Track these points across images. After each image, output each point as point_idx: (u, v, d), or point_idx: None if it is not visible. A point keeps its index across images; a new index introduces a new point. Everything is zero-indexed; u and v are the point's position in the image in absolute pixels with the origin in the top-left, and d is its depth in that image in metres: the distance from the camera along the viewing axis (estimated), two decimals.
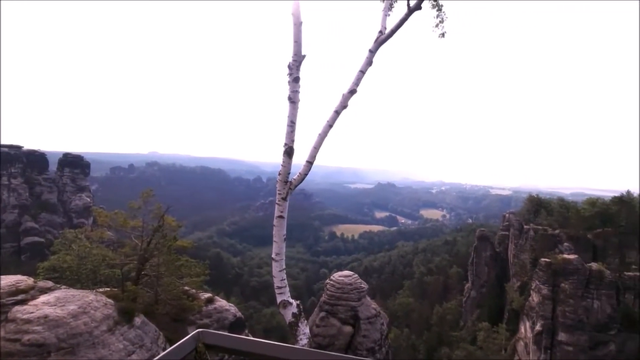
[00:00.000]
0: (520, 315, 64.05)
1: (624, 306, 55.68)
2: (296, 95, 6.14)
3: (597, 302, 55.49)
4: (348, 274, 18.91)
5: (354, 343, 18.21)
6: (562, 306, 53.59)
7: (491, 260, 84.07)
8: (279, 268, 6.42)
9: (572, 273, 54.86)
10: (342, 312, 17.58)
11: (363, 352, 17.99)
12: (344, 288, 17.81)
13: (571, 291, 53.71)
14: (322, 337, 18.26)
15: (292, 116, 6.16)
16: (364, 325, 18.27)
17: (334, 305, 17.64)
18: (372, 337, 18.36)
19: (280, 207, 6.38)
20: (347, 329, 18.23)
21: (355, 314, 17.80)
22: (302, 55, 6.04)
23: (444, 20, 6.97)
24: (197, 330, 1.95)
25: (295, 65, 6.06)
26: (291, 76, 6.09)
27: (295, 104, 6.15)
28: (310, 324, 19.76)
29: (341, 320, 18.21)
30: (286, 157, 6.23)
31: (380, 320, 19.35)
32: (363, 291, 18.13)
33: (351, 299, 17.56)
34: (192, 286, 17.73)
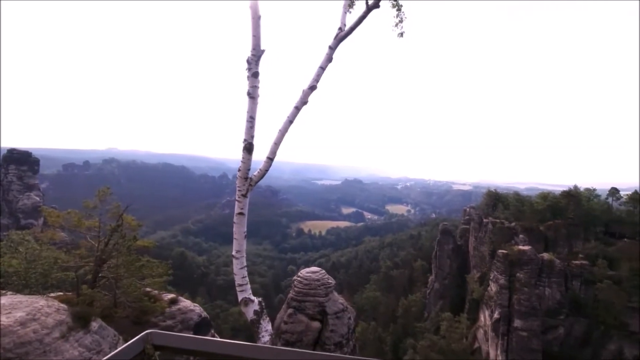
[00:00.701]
0: (480, 305, 67.20)
1: (571, 292, 59.88)
2: (255, 90, 6.06)
3: (548, 290, 59.32)
4: (315, 270, 18.91)
5: (322, 338, 18.28)
6: (517, 294, 56.71)
7: (453, 253, 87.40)
8: (239, 265, 6.34)
9: (527, 263, 58.21)
10: (310, 308, 17.57)
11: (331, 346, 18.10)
12: (312, 284, 17.80)
13: (525, 280, 56.96)
14: (290, 333, 18.18)
15: (252, 112, 6.08)
16: (332, 320, 18.37)
17: (302, 302, 17.59)
18: (339, 332, 18.50)
19: (241, 203, 6.27)
20: (315, 324, 18.25)
21: (323, 309, 17.86)
22: (261, 49, 5.96)
23: (403, 20, 7.09)
24: (145, 332, 1.88)
25: (254, 60, 5.98)
26: (250, 71, 6.00)
27: (255, 100, 6.07)
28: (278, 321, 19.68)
29: (309, 316, 18.20)
30: (246, 153, 6.14)
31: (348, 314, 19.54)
32: (330, 287, 18.21)
33: (319, 295, 17.59)
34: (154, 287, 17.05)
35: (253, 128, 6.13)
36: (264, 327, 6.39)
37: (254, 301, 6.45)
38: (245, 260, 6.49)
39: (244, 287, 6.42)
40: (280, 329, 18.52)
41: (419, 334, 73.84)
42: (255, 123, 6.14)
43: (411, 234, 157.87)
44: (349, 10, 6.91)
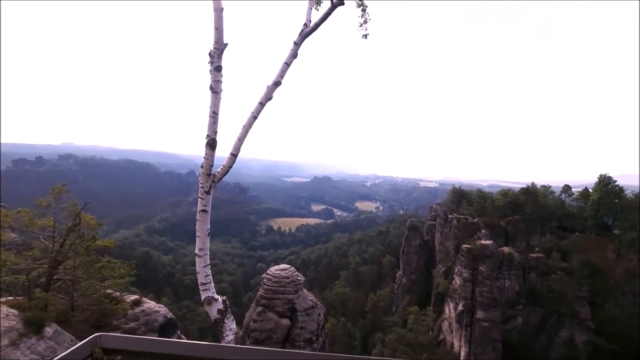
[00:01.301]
0: (445, 298, 69.53)
1: (529, 284, 63.25)
2: (218, 85, 5.92)
3: (508, 282, 62.34)
4: (285, 267, 18.79)
5: (292, 335, 18.21)
6: (480, 287, 59.17)
7: (420, 249, 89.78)
8: (203, 264, 6.21)
9: (488, 257, 60.82)
10: (279, 305, 17.44)
11: (300, 343, 18.07)
12: (281, 281, 17.67)
13: (487, 273, 59.52)
14: (260, 331, 17.99)
15: (215, 107, 5.95)
16: (301, 317, 18.32)
17: (271, 299, 17.43)
18: (309, 328, 18.49)
19: (204, 200, 6.13)
20: (284, 322, 18.14)
21: (292, 306, 17.78)
22: (224, 43, 5.83)
23: (367, 21, 7.14)
24: (94, 334, 1.80)
25: (217, 54, 5.84)
26: (212, 65, 5.86)
27: (218, 94, 5.93)
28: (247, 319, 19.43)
29: (279, 313, 18.07)
30: (208, 149, 6.00)
31: (317, 311, 19.56)
32: (300, 284, 18.15)
33: (288, 292, 17.48)
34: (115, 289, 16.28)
35: (216, 124, 6.01)
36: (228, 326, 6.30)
37: (217, 300, 6.34)
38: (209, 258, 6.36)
39: (208, 285, 6.30)
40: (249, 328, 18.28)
41: (387, 328, 75.33)
42: (218, 118, 6.02)
43: (380, 230, 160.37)
44: (316, 7, 6.92)
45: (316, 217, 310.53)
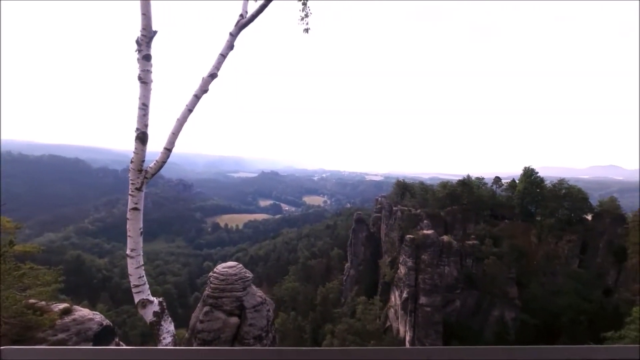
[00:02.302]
0: (391, 286, 72.45)
1: (466, 269, 67.93)
2: (147, 74, 5.46)
3: (447, 268, 66.39)
4: (232, 264, 18.19)
5: (241, 333, 17.74)
6: (422, 274, 62.39)
7: (367, 240, 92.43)
8: (135, 265, 5.76)
9: (430, 246, 64.27)
10: (227, 303, 16.87)
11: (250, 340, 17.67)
12: (229, 279, 17.07)
13: (429, 261, 62.91)
14: (207, 332, 17.28)
15: (144, 98, 5.49)
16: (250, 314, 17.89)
17: (219, 298, 16.80)
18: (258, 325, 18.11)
19: (135, 198, 5.65)
20: (232, 320, 17.59)
21: (241, 304, 17.27)
22: (153, 30, 5.36)
23: (308, 15, 7.12)
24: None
25: (145, 42, 5.38)
26: (140, 53, 5.38)
27: (147, 85, 5.48)
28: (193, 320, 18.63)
29: (227, 312, 17.47)
30: (139, 143, 5.55)
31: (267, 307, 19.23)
32: (248, 280, 17.69)
33: (236, 290, 16.95)
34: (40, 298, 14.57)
35: (147, 116, 5.55)
36: (166, 329, 5.94)
37: (153, 302, 5.91)
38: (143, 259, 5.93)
39: (142, 287, 5.87)
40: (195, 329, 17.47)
41: (336, 319, 76.78)
42: (149, 110, 5.55)
43: (327, 224, 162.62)
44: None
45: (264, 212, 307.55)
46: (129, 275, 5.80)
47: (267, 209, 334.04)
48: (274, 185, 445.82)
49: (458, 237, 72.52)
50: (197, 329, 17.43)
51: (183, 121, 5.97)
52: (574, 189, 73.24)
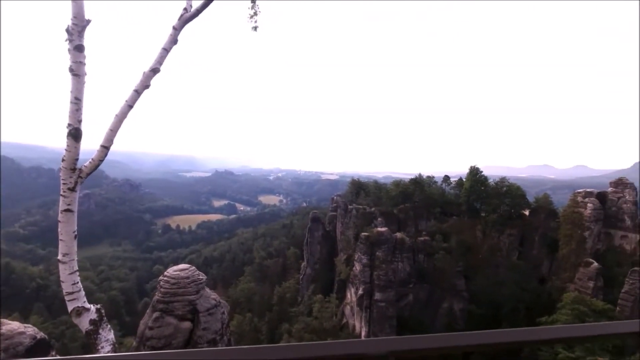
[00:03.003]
0: (347, 284, 73.59)
1: (418, 264, 70.77)
2: (80, 66, 5.09)
3: (400, 264, 68.73)
4: (184, 267, 17.46)
5: (194, 338, 17.07)
6: (377, 271, 64.05)
7: (323, 239, 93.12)
8: (68, 270, 5.39)
9: (384, 243, 66.15)
10: (179, 308, 16.17)
11: (204, 344, 17.11)
12: (180, 282, 16.37)
13: (383, 258, 64.74)
14: (157, 339, 16.41)
15: (77, 92, 5.12)
16: (204, 318, 17.29)
17: (170, 303, 16.05)
18: (212, 328, 17.56)
19: (67, 199, 5.27)
20: (185, 325, 16.88)
21: (194, 307, 16.63)
22: (86, 19, 5.01)
23: (257, 13, 7.15)
24: None
25: (77, 31, 4.99)
26: (71, 43, 4.99)
27: (80, 77, 5.11)
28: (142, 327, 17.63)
29: (178, 317, 16.72)
30: (72, 140, 5.17)
31: (221, 309, 18.68)
32: (201, 283, 17.09)
33: (189, 293, 16.31)
34: None
35: (80, 111, 5.19)
36: (104, 337, 5.62)
37: (89, 309, 5.55)
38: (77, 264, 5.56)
39: (76, 295, 5.51)
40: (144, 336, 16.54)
41: (293, 318, 76.64)
42: (82, 105, 5.20)
43: (284, 223, 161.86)
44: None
45: (218, 212, 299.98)
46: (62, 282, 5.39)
47: (221, 209, 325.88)
48: (228, 185, 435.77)
49: (410, 233, 75.30)
50: (146, 336, 16.50)
51: (122, 117, 5.69)
52: (514, 187, 78.94)
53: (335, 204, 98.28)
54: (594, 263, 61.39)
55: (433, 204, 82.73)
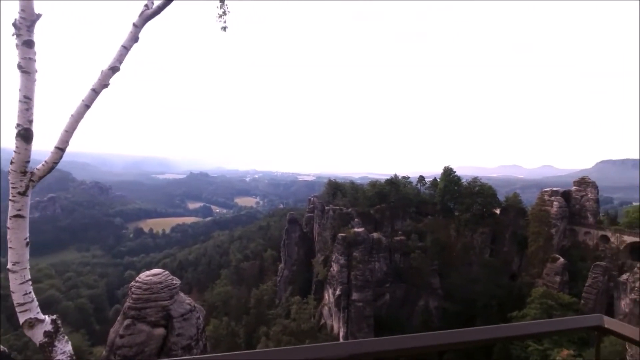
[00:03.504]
0: (325, 285, 73.66)
1: (394, 264, 71.74)
2: (30, 63, 4.84)
3: (377, 264, 69.47)
4: (157, 272, 16.92)
5: (168, 344, 16.56)
6: (354, 271, 64.47)
7: (300, 240, 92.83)
8: (20, 280, 5.10)
9: (361, 243, 66.70)
10: (152, 314, 15.64)
11: (178, 351, 16.60)
12: (153, 288, 15.85)
13: (360, 258, 65.25)
14: (129, 347, 15.83)
15: (26, 90, 4.86)
16: (178, 324, 16.81)
17: (142, 309, 15.50)
18: (187, 334, 17.10)
19: (17, 203, 4.98)
20: (158, 331, 16.36)
21: (167, 313, 16.14)
22: (36, 13, 4.77)
23: (226, 13, 6.97)
24: None
25: (25, 25, 4.74)
26: (20, 39, 4.73)
27: (30, 75, 4.86)
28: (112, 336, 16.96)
29: (151, 323, 16.17)
30: (21, 141, 4.89)
31: (196, 314, 18.23)
32: (175, 288, 16.62)
33: (162, 299, 15.82)
34: None
35: (30, 110, 4.92)
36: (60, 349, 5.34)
37: (43, 320, 5.26)
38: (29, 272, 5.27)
39: (28, 305, 5.21)
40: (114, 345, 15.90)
41: (271, 321, 75.94)
42: (33, 104, 4.93)
43: (260, 225, 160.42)
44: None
45: (193, 215, 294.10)
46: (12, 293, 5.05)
47: (196, 211, 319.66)
48: (203, 187, 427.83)
49: (387, 233, 76.23)
50: (116, 345, 15.87)
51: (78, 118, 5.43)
52: (486, 187, 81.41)
53: (312, 205, 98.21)
54: (560, 259, 64.22)
55: (408, 203, 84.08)
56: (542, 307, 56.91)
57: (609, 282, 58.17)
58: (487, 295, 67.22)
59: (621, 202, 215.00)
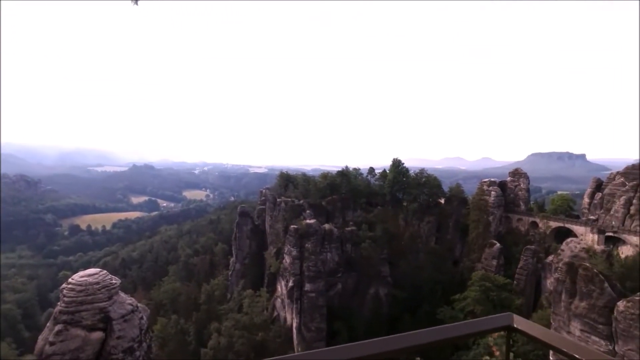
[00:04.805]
0: (277, 277, 73.36)
1: (345, 254, 73.14)
2: None
3: (329, 254, 70.38)
4: (93, 272, 15.68)
5: (107, 348, 15.49)
6: (306, 262, 64.83)
7: (252, 233, 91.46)
8: None
9: (313, 234, 67.10)
10: (87, 317, 14.50)
11: (119, 355, 15.58)
12: (89, 289, 14.67)
13: (312, 249, 65.69)
14: (60, 354, 14.61)
15: None
16: (118, 326, 15.77)
17: (76, 313, 14.30)
18: (129, 336, 16.12)
19: None
20: (95, 335, 15.25)
21: (106, 315, 15.04)
22: None
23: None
24: None
25: None
26: None
27: None
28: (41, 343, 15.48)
29: (87, 327, 15.00)
30: None
31: (139, 314, 17.22)
32: (114, 288, 15.52)
33: (99, 300, 14.71)
34: None
35: None
36: None
37: None
38: None
39: None
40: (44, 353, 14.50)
41: (223, 316, 74.43)
42: None
43: (211, 218, 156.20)
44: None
45: (137, 210, 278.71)
46: None
47: (141, 206, 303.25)
48: (148, 180, 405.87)
49: (338, 224, 77.35)
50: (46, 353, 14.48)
51: None
52: (431, 178, 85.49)
53: (263, 197, 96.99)
54: (497, 244, 69.50)
55: (359, 194, 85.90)
56: (481, 289, 61.33)
57: (537, 264, 64.01)
58: (433, 280, 71.06)
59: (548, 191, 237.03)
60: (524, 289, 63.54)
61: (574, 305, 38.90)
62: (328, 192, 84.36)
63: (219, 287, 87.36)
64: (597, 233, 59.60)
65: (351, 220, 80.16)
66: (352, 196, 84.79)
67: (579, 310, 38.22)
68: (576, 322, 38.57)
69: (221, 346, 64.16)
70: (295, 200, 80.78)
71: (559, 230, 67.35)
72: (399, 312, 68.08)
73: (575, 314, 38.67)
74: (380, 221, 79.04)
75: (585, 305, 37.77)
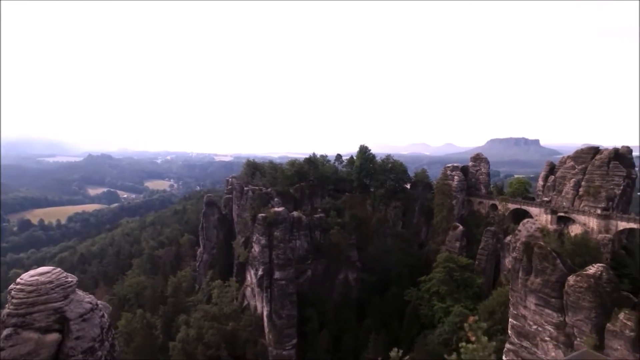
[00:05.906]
0: (246, 266, 72.66)
1: (315, 240, 73.50)
2: None
3: (298, 242, 70.44)
4: (45, 270, 14.62)
5: (64, 350, 14.58)
6: (275, 250, 64.53)
7: (219, 223, 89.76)
8: None
9: (281, 222, 66.71)
10: (40, 319, 13.55)
11: (78, 356, 14.72)
12: (41, 289, 13.68)
13: (281, 237, 65.39)
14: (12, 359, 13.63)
15: None
16: (76, 326, 14.86)
17: (27, 315, 13.31)
18: (88, 336, 15.25)
19: None
20: (50, 337, 14.32)
21: (61, 316, 14.10)
22: None
23: None
24: None
25: None
26: None
27: None
28: None
29: (41, 329, 14.03)
30: None
31: (99, 312, 16.32)
32: (71, 286, 14.55)
33: (53, 300, 13.76)
34: None
35: None
36: None
37: None
38: None
39: None
40: None
41: (191, 307, 73.06)
42: None
43: (176, 209, 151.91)
44: None
45: (95, 202, 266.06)
46: None
47: (99, 197, 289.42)
48: (106, 171, 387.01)
49: (307, 211, 77.41)
50: None
51: None
52: (397, 164, 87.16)
53: (230, 186, 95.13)
54: (460, 226, 72.37)
55: (327, 181, 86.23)
56: (445, 270, 63.93)
57: (497, 244, 67.39)
58: (400, 264, 73.09)
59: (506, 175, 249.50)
60: (485, 268, 66.83)
61: (529, 282, 41.31)
62: (296, 180, 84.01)
63: (186, 279, 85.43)
64: (550, 213, 63.36)
65: (319, 207, 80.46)
66: (320, 183, 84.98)
67: (534, 286, 40.65)
68: (532, 297, 41.03)
69: (190, 338, 63.02)
70: (263, 188, 79.84)
71: (517, 212, 71.03)
72: (368, 296, 69.65)
73: (531, 289, 41.10)
74: (348, 207, 79.90)
75: (540, 281, 40.23)
